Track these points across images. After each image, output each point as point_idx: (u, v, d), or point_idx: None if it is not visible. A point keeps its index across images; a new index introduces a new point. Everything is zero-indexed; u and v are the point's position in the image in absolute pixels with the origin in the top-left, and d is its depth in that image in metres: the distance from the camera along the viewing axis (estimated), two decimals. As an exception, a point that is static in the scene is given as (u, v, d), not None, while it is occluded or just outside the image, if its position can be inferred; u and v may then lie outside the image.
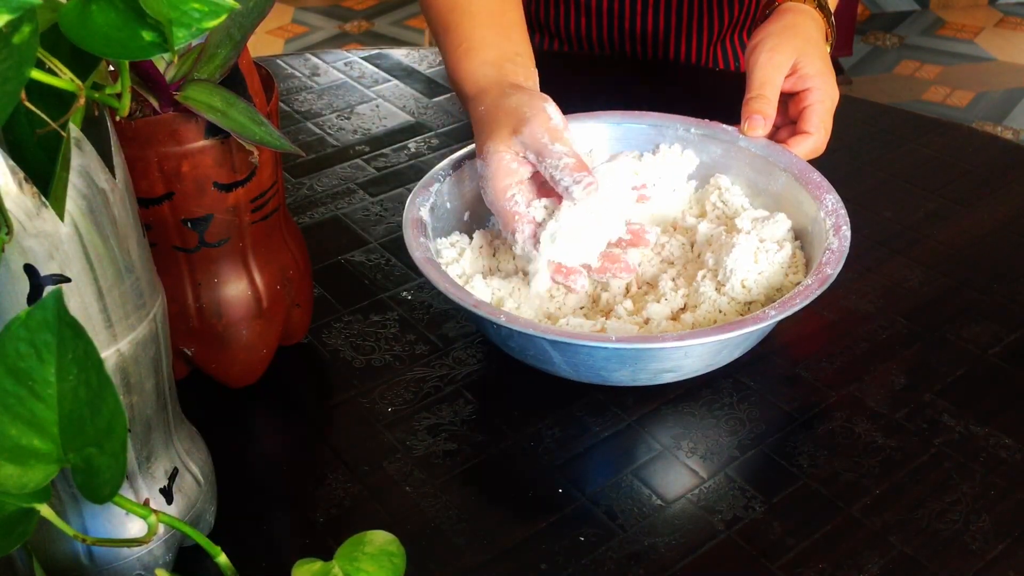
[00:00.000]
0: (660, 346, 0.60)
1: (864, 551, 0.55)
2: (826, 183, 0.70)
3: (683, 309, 0.68)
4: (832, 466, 0.60)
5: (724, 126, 0.77)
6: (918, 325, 0.71)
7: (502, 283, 0.69)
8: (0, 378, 0.37)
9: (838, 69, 2.78)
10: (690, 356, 0.61)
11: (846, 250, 0.64)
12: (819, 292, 0.61)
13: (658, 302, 0.67)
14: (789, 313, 0.60)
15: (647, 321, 0.67)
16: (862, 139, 0.93)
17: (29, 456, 0.38)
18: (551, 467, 0.61)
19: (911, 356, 0.68)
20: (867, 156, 0.90)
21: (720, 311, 0.67)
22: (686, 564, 0.55)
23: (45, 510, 0.40)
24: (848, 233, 0.65)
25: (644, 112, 0.79)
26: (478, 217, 0.76)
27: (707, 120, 0.78)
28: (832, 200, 0.69)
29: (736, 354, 0.64)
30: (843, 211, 0.67)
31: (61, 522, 0.41)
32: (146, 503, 0.45)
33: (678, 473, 0.60)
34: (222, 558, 0.45)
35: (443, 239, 0.72)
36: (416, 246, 0.66)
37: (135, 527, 0.50)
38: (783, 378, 0.67)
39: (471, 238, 0.73)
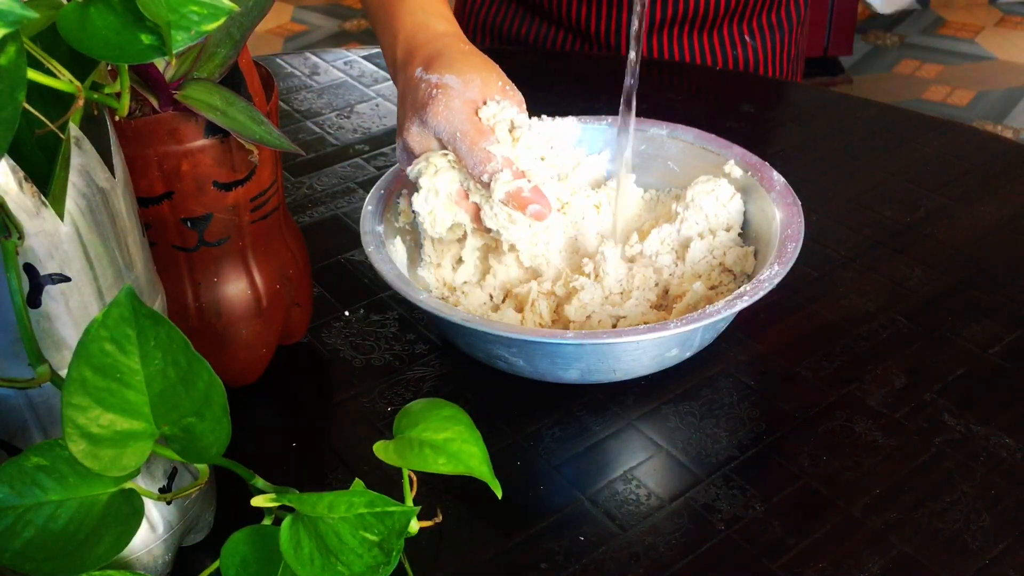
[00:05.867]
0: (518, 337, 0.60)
1: (864, 551, 0.55)
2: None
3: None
4: (832, 466, 0.60)
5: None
6: (918, 325, 0.71)
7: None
8: (90, 377, 0.39)
9: (838, 68, 2.80)
10: (604, 355, 0.61)
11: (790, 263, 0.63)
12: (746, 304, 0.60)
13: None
14: (712, 320, 0.59)
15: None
16: (862, 139, 0.93)
17: (127, 439, 0.41)
18: (550, 467, 0.61)
19: (911, 356, 0.68)
20: (867, 156, 0.90)
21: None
22: (686, 564, 0.55)
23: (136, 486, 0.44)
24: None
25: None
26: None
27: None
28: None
29: (688, 351, 0.64)
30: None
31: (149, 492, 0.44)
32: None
33: (678, 473, 0.60)
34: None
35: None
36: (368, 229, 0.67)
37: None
38: (783, 378, 0.67)
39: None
